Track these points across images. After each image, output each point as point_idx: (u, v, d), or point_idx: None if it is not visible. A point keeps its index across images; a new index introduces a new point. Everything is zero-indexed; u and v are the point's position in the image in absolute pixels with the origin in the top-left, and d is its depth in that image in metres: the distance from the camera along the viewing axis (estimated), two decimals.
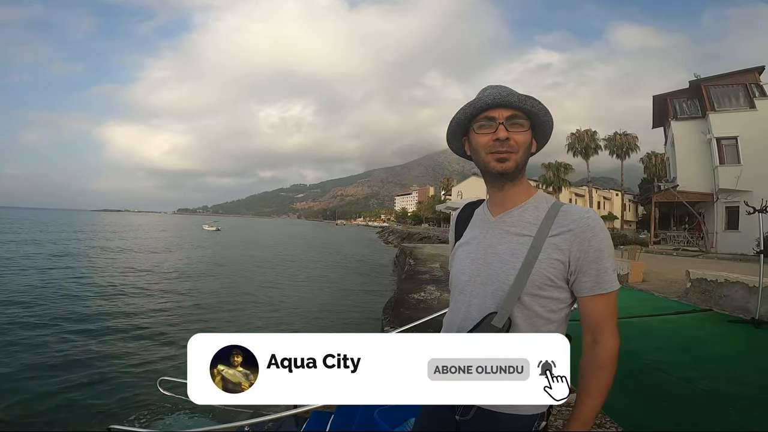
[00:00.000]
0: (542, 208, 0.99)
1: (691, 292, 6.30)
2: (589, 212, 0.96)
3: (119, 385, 5.97)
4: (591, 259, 0.92)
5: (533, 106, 0.97)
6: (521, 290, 0.93)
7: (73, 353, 7.18)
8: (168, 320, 9.76)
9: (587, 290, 0.93)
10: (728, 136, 17.51)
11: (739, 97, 17.94)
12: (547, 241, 0.94)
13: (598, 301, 0.93)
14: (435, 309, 5.23)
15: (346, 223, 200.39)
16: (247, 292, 14.15)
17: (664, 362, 3.46)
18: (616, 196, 55.73)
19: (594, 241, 0.92)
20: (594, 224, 0.93)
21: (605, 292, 0.92)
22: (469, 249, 1.05)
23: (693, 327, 4.79)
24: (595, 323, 0.94)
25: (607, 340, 0.93)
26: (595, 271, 0.92)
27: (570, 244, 0.92)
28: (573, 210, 0.96)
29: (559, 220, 0.95)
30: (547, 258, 0.93)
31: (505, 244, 0.98)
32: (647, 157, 43.69)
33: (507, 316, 0.93)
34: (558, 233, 0.94)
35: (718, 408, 2.55)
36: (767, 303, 4.87)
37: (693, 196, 18.76)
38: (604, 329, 0.93)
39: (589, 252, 0.92)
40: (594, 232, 0.92)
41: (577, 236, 0.92)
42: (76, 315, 9.78)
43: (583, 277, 0.93)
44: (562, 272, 0.94)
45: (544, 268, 0.93)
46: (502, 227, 1.01)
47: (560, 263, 0.93)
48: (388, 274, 19.13)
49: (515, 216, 1.00)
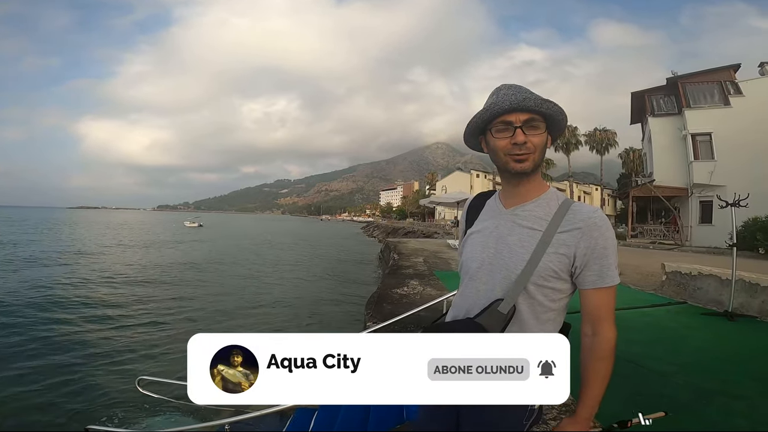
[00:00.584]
0: (553, 204, 1.05)
1: (666, 285, 6.43)
2: (597, 211, 1.02)
3: (96, 385, 5.81)
4: (597, 256, 0.98)
5: (549, 108, 1.01)
6: (528, 280, 0.99)
7: (46, 353, 6.93)
8: (145, 319, 9.50)
9: (590, 283, 1.00)
10: (703, 132, 18.01)
11: (714, 94, 18.43)
12: (556, 236, 1.00)
13: (600, 294, 1.00)
14: (417, 304, 5.20)
15: (331, 218, 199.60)
16: (227, 290, 13.91)
17: (640, 355, 3.49)
18: (595, 190, 56.99)
19: (601, 240, 0.98)
20: (601, 223, 1.00)
21: (607, 285, 1.00)
22: (481, 238, 1.10)
23: (668, 320, 4.86)
24: (596, 315, 1.01)
25: (606, 331, 1.00)
26: (599, 266, 0.99)
27: (577, 241, 0.99)
28: (583, 209, 1.02)
29: (568, 217, 1.01)
30: (554, 252, 0.99)
31: (515, 235, 1.04)
32: (625, 152, 44.82)
33: (512, 303, 0.99)
34: (567, 230, 1.00)
35: (693, 403, 2.56)
36: (740, 296, 4.99)
37: (669, 191, 19.27)
38: (603, 321, 1.01)
39: (596, 249, 0.98)
40: (601, 231, 0.99)
41: (585, 234, 0.98)
42: (49, 314, 9.46)
43: (587, 271, 0.99)
44: (567, 266, 1.00)
45: (551, 261, 0.99)
46: (515, 220, 1.06)
47: (566, 258, 0.99)
48: (374, 269, 19.11)
49: (528, 210, 1.06)
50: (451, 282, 7.19)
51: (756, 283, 4.92)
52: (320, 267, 20.69)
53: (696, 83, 18.79)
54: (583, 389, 1.02)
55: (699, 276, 5.80)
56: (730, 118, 17.47)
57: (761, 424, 2.26)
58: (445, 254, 13.04)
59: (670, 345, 3.88)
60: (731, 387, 2.81)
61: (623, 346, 3.75)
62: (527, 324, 1.01)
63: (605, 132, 41.99)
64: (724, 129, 17.43)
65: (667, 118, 19.84)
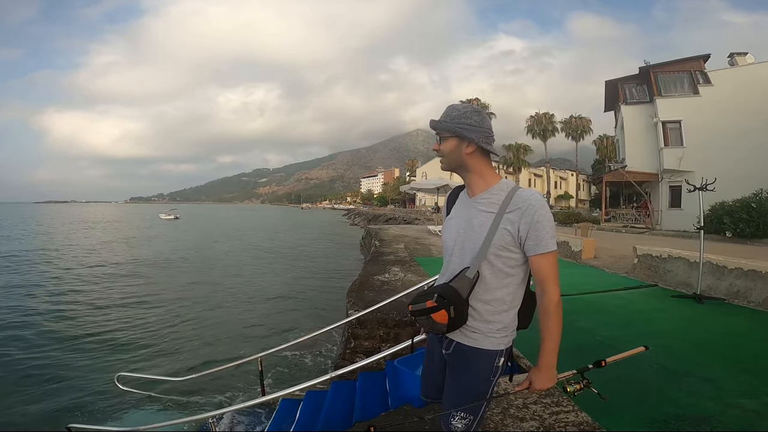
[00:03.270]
0: (504, 191, 1.33)
1: (638, 268, 6.66)
2: (534, 194, 1.31)
3: (76, 384, 5.70)
4: (533, 228, 1.25)
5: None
6: (487, 251, 1.29)
7: (24, 352, 6.76)
8: (120, 316, 9.27)
9: (531, 250, 1.27)
10: (673, 119, 18.55)
11: (684, 83, 18.96)
12: (504, 216, 1.28)
13: (540, 259, 1.27)
14: (399, 290, 5.23)
15: (311, 206, 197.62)
16: (209, 281, 13.69)
17: (613, 338, 3.61)
18: (571, 176, 58.28)
19: (536, 216, 1.25)
20: (536, 203, 1.27)
21: (544, 251, 1.26)
22: (455, 222, 1.43)
23: (639, 302, 5.03)
24: (541, 278, 1.28)
25: (549, 291, 1.27)
26: (536, 236, 1.26)
27: (519, 218, 1.27)
28: (524, 193, 1.31)
29: (514, 200, 1.29)
30: (504, 228, 1.28)
31: (477, 218, 1.34)
32: (599, 139, 45.87)
33: (476, 270, 1.30)
34: (512, 210, 1.28)
35: (663, 385, 2.65)
36: (707, 278, 5.19)
37: (640, 176, 19.85)
38: (547, 283, 1.27)
39: (532, 223, 1.25)
40: (536, 209, 1.26)
41: (525, 212, 1.26)
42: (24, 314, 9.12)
43: (528, 241, 1.27)
44: (514, 238, 1.28)
45: (501, 235, 1.28)
46: (476, 206, 1.36)
47: (512, 231, 1.27)
48: (357, 256, 19.11)
49: (485, 198, 1.35)
50: (432, 267, 7.26)
51: (723, 265, 5.11)
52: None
53: (667, 72, 19.28)
54: (541, 343, 1.30)
55: (669, 259, 6.02)
56: (699, 107, 18.04)
57: (729, 407, 2.33)
58: (425, 240, 13.13)
59: (641, 327, 4.02)
60: (700, 369, 2.90)
61: (598, 329, 3.88)
62: (490, 286, 1.31)
63: (580, 119, 42.78)
64: (693, 117, 18.01)
65: (639, 105, 20.35)
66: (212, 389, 5.37)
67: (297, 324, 8.49)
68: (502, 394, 2.44)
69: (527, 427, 2.09)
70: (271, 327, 8.51)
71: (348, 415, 2.93)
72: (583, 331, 3.84)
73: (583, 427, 2.08)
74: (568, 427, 2.08)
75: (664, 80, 19.23)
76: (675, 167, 17.87)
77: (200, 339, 7.71)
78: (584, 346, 3.40)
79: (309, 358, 6.44)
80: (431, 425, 1.75)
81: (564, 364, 1.09)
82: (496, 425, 2.11)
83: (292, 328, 8.21)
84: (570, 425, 2.09)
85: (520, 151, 45.83)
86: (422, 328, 1.46)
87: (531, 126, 42.90)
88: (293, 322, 8.76)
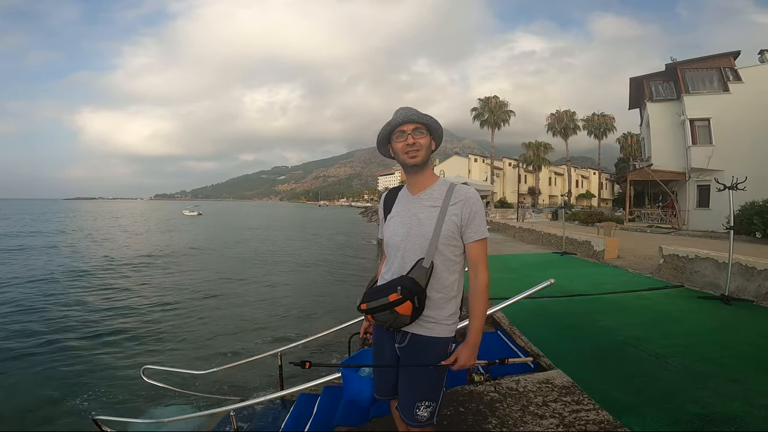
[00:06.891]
0: (444, 188, 1.49)
1: (663, 269, 6.49)
2: (470, 190, 1.48)
3: (102, 376, 5.88)
4: (471, 219, 1.43)
5: (426, 120, 1.49)
6: (437, 241, 1.41)
7: (53, 345, 7.01)
8: (147, 310, 9.56)
9: (469, 238, 1.44)
10: (701, 117, 17.88)
11: (713, 80, 18.26)
12: (449, 208, 1.43)
13: (476, 245, 1.44)
14: None
15: (329, 204, 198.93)
16: (233, 277, 13.95)
17: (637, 338, 3.53)
18: (593, 174, 56.87)
19: (474, 208, 1.43)
20: (473, 197, 1.45)
21: (479, 238, 1.44)
22: (399, 218, 1.52)
23: (665, 303, 4.90)
24: (474, 262, 1.44)
25: (480, 274, 1.43)
26: (473, 225, 1.43)
27: (461, 210, 1.43)
28: (462, 189, 1.48)
29: (454, 195, 1.45)
30: (449, 219, 1.42)
31: (424, 212, 1.46)
32: (623, 137, 44.58)
33: (431, 260, 1.41)
34: (454, 203, 1.44)
35: (688, 385, 2.59)
36: (736, 280, 5.01)
37: (666, 175, 19.27)
38: (479, 266, 1.43)
39: (470, 214, 1.43)
40: (473, 202, 1.44)
41: (465, 204, 1.43)
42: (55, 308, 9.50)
43: (467, 229, 1.43)
44: (458, 227, 1.43)
45: (449, 225, 1.42)
46: (421, 202, 1.49)
47: (456, 222, 1.43)
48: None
49: (428, 194, 1.49)
50: None
51: (752, 266, 4.92)
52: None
53: (695, 69, 18.60)
54: (470, 322, 1.44)
55: (696, 259, 5.83)
56: (729, 104, 17.35)
57: (755, 408, 2.28)
58: None
59: (666, 328, 3.91)
60: (726, 370, 2.83)
61: (621, 329, 3.80)
62: (441, 275, 1.43)
63: (603, 117, 41.77)
64: (723, 115, 17.32)
65: (666, 103, 19.71)
66: (233, 382, 5.50)
67: (316, 320, 8.60)
68: (521, 391, 2.44)
69: (547, 424, 2.08)
70: (292, 323, 8.65)
71: (365, 410, 2.96)
72: (605, 330, 3.78)
73: (605, 425, 2.05)
74: (589, 425, 2.05)
75: (691, 77, 18.57)
76: (703, 166, 17.23)
77: (222, 333, 7.89)
78: (608, 349, 3.33)
79: (327, 353, 6.52)
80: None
81: (583, 363, 1.09)
82: (515, 422, 2.11)
83: (311, 324, 8.32)
84: (590, 423, 2.06)
85: (540, 149, 44.95)
86: (384, 324, 1.45)
87: (552, 124, 42.15)
88: (313, 319, 8.87)
